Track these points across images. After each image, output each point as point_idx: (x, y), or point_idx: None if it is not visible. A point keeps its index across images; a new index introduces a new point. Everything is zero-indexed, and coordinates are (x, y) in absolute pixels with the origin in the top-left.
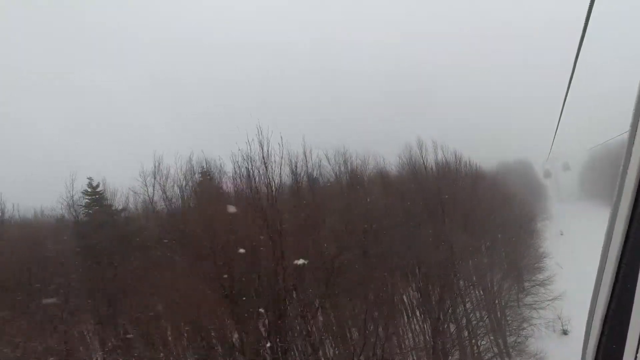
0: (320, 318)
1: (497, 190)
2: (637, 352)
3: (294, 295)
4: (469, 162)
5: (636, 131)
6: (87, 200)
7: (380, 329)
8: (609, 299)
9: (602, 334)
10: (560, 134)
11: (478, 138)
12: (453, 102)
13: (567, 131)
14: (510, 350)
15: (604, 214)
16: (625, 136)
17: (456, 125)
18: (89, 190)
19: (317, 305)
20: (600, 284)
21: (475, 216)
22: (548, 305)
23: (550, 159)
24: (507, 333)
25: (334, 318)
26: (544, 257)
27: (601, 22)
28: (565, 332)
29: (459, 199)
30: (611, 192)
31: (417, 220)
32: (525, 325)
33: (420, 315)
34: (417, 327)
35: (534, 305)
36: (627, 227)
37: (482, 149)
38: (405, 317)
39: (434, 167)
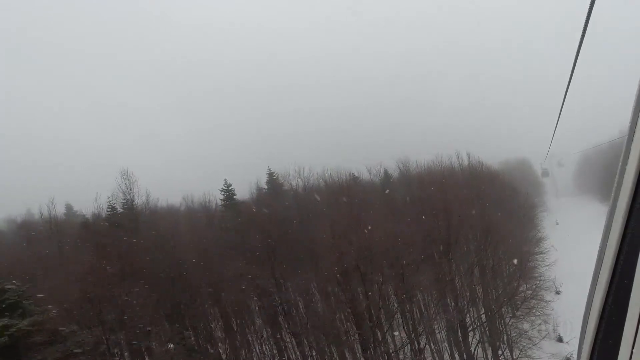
0: None
1: (505, 185)
2: (632, 348)
3: None
4: (486, 165)
5: (635, 127)
6: (223, 194)
7: None
8: (605, 294)
9: (598, 330)
10: (557, 135)
11: (482, 138)
12: (459, 106)
13: (564, 133)
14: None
15: (595, 208)
16: (617, 142)
17: (462, 127)
18: (225, 188)
19: None
20: (597, 280)
21: (495, 204)
22: (545, 269)
23: (547, 159)
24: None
25: None
26: (542, 240)
27: (601, 24)
28: (557, 292)
29: (483, 192)
30: (601, 189)
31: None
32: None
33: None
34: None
35: (536, 271)
36: (625, 223)
37: (486, 148)
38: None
39: (464, 170)
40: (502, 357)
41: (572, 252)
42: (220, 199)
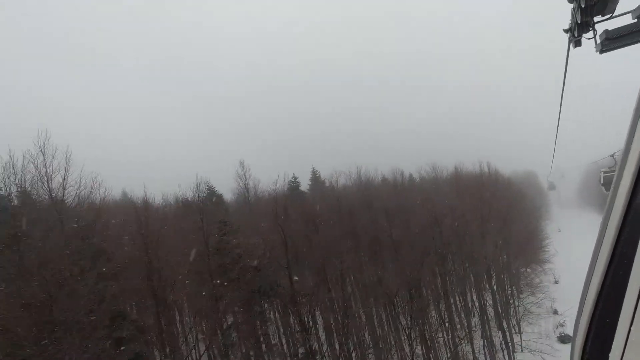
0: None
1: (515, 193)
2: (625, 346)
3: None
4: (501, 174)
5: (634, 136)
6: (290, 184)
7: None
8: (598, 294)
9: (588, 331)
10: (562, 151)
11: (492, 150)
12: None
13: (568, 148)
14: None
15: (595, 218)
16: (617, 157)
17: (474, 137)
18: (292, 180)
19: None
20: (591, 280)
21: (508, 207)
22: (548, 260)
23: (552, 173)
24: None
25: None
26: (545, 239)
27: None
28: (556, 282)
29: (499, 196)
30: (601, 202)
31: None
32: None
33: None
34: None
35: (539, 262)
36: (621, 223)
37: (496, 160)
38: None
39: (484, 176)
40: (512, 304)
41: (570, 253)
42: (288, 189)
